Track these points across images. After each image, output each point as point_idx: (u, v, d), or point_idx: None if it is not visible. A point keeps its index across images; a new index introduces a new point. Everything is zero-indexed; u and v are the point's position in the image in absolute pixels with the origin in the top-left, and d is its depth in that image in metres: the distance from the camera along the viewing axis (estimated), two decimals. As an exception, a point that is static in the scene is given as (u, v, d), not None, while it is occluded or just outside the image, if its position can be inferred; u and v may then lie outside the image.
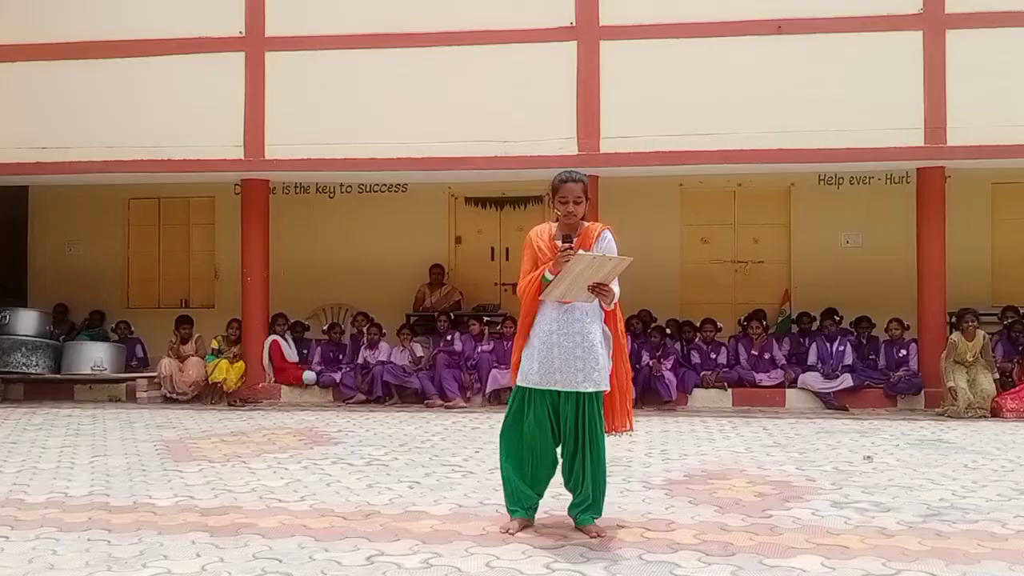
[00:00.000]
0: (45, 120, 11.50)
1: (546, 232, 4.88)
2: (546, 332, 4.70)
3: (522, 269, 4.88)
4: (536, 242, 4.85)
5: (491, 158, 10.76)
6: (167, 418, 9.88)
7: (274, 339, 11.69)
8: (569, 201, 4.74)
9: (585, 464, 4.70)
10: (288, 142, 11.16)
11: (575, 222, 4.79)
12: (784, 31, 10.53)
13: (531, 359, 4.73)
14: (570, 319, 4.69)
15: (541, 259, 4.76)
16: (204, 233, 13.85)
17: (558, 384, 4.67)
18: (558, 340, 4.67)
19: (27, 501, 5.64)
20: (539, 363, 4.69)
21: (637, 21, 10.76)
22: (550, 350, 4.68)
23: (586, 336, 4.68)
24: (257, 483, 6.15)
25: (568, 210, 4.74)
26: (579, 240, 4.74)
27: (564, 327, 4.68)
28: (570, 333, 4.67)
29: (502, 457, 4.85)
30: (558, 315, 4.71)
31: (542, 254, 4.77)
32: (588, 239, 4.77)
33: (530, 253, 4.86)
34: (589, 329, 4.70)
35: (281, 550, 4.47)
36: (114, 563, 4.27)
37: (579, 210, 4.77)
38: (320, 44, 11.17)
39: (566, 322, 4.68)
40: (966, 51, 10.32)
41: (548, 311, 4.73)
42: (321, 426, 9.12)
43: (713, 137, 10.51)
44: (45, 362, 11.76)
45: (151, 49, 11.32)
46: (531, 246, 4.86)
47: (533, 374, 4.70)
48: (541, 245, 4.81)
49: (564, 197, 4.76)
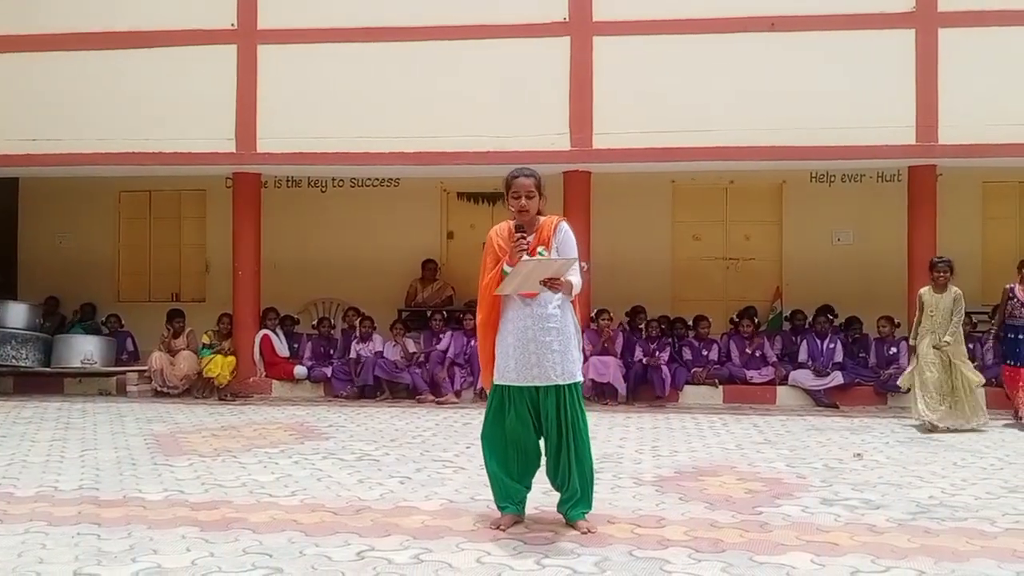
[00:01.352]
0: (35, 112, 11.44)
1: (505, 230, 4.84)
2: (521, 328, 4.69)
3: (483, 267, 4.87)
4: (496, 240, 4.83)
5: (483, 153, 10.75)
6: (157, 412, 9.86)
7: (265, 333, 11.67)
8: (521, 196, 4.72)
9: (571, 458, 4.71)
10: (280, 136, 11.12)
11: (529, 218, 4.77)
12: (777, 28, 10.53)
13: (506, 357, 4.72)
14: (544, 313, 4.69)
15: (502, 255, 4.77)
16: (195, 226, 13.81)
17: (536, 379, 4.68)
18: (535, 335, 4.67)
19: (16, 495, 5.62)
20: (515, 360, 4.68)
21: (630, 17, 10.75)
22: (526, 346, 4.68)
23: (562, 330, 4.71)
24: (248, 478, 6.14)
25: (520, 205, 4.72)
26: (535, 234, 4.74)
27: (540, 322, 4.68)
28: (546, 328, 4.67)
29: (486, 456, 4.86)
30: (531, 310, 4.70)
31: (502, 251, 4.76)
32: (545, 232, 4.76)
33: (491, 249, 4.84)
34: (565, 322, 4.73)
35: (271, 545, 4.46)
36: (104, 557, 4.27)
37: (532, 205, 4.75)
38: (312, 37, 11.14)
39: (541, 317, 4.69)
40: (958, 50, 10.34)
41: (519, 307, 4.73)
42: (312, 421, 9.12)
43: (705, 134, 10.51)
44: (35, 355, 11.71)
45: (143, 41, 11.27)
46: (492, 244, 4.85)
47: (510, 371, 4.70)
48: (501, 243, 4.79)
49: (516, 192, 4.74)
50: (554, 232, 4.76)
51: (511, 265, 4.58)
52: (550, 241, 4.74)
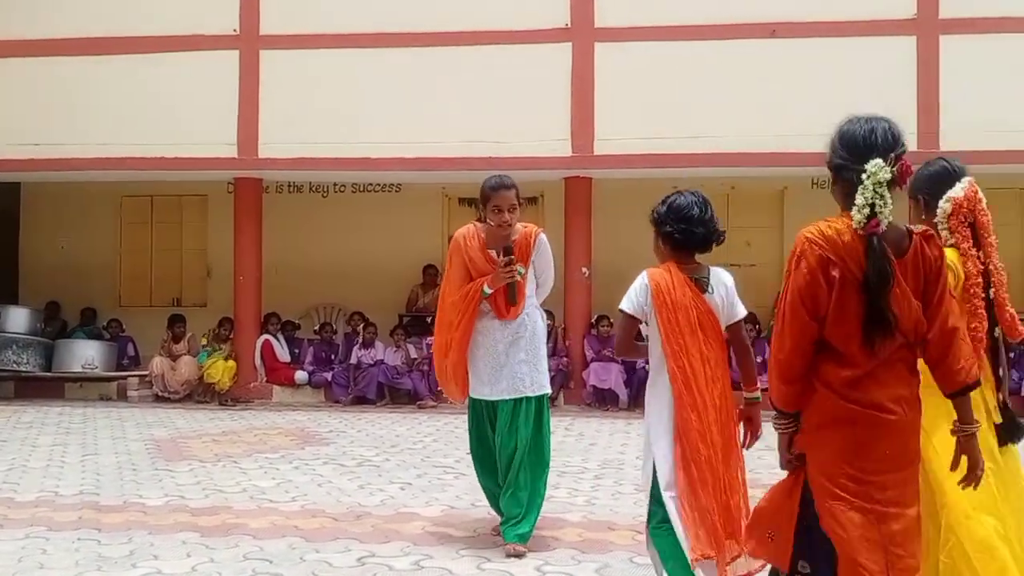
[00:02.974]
0: (38, 116, 11.47)
1: (475, 239, 4.63)
2: (493, 353, 4.56)
3: (447, 276, 4.69)
4: (466, 251, 4.61)
5: (485, 159, 10.75)
6: (158, 417, 9.85)
7: (266, 339, 11.67)
8: (504, 210, 4.50)
9: (526, 472, 4.49)
10: (281, 141, 11.13)
11: (508, 231, 4.56)
12: (778, 35, 10.55)
13: (477, 370, 4.60)
14: (518, 333, 4.57)
15: (473, 270, 4.57)
16: (196, 231, 13.80)
17: (506, 392, 4.53)
18: (505, 348, 4.54)
19: (17, 500, 5.62)
20: (488, 375, 4.56)
21: (632, 23, 10.77)
22: (497, 359, 4.55)
23: (531, 338, 4.58)
24: (248, 483, 6.14)
25: (504, 219, 4.50)
26: (517, 251, 4.54)
27: (508, 336, 4.55)
28: (516, 339, 4.55)
29: (476, 471, 4.79)
30: (505, 334, 4.57)
31: (474, 265, 4.57)
32: (526, 247, 4.58)
33: (459, 261, 4.62)
34: (534, 329, 4.61)
35: (272, 551, 4.46)
36: (104, 563, 4.26)
37: (514, 218, 4.55)
38: (314, 43, 11.16)
39: (515, 338, 4.56)
40: (959, 56, 10.35)
41: (491, 327, 4.58)
42: (312, 426, 9.11)
43: (706, 140, 10.52)
44: (36, 360, 11.71)
45: (145, 46, 11.30)
46: (460, 253, 4.62)
47: (483, 386, 4.58)
48: (472, 255, 4.59)
49: (498, 206, 4.51)
50: (534, 246, 4.61)
51: (492, 287, 4.46)
52: (528, 256, 4.59)
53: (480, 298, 4.51)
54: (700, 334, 3.30)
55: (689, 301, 3.31)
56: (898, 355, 2.49)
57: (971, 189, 2.92)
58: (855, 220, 2.43)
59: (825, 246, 2.44)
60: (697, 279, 3.36)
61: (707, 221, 3.36)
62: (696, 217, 3.34)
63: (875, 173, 2.41)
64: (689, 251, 3.38)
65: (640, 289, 3.39)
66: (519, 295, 4.54)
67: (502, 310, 4.55)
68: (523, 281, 4.56)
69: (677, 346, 3.28)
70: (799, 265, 2.45)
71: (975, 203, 2.89)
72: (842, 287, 2.41)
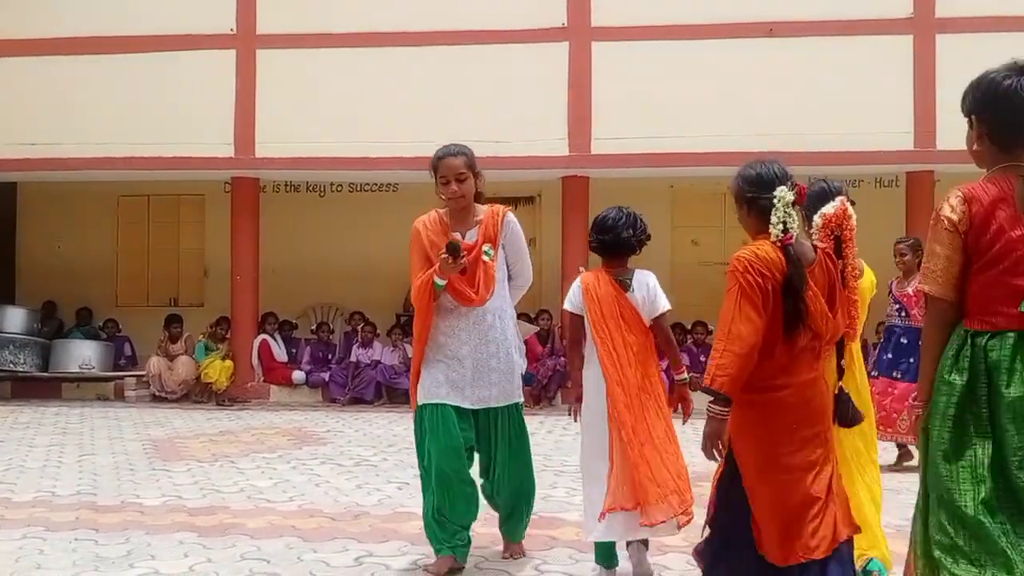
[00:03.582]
0: (35, 116, 11.45)
1: (437, 222, 4.14)
2: (455, 344, 4.07)
3: (412, 268, 4.11)
4: (426, 236, 4.10)
5: (482, 158, 10.66)
6: (155, 417, 9.84)
7: (263, 339, 11.66)
8: (451, 180, 4.02)
9: (511, 484, 4.19)
10: (278, 140, 11.13)
11: (465, 204, 4.09)
12: (775, 34, 10.56)
13: (435, 371, 4.07)
14: (482, 326, 4.07)
15: (433, 257, 4.02)
16: (193, 231, 13.79)
17: (467, 400, 4.05)
18: (471, 351, 4.06)
19: (14, 500, 5.61)
20: (446, 376, 4.05)
21: (629, 23, 10.78)
22: (462, 363, 4.05)
23: (503, 343, 4.11)
24: (245, 483, 6.13)
25: (451, 191, 4.02)
26: (479, 229, 4.08)
27: (478, 334, 4.07)
28: (485, 342, 4.08)
29: (439, 501, 4.03)
30: (469, 321, 4.07)
31: (435, 251, 4.01)
32: (490, 228, 4.09)
33: (419, 248, 4.11)
34: (505, 333, 4.14)
35: (269, 551, 4.46)
36: (101, 563, 4.26)
37: (465, 189, 4.05)
38: (311, 42, 11.15)
39: (480, 328, 4.07)
40: (956, 55, 10.34)
41: (453, 319, 4.08)
42: (310, 426, 9.11)
43: (703, 139, 10.52)
44: (33, 360, 11.70)
45: (142, 46, 11.28)
46: (419, 240, 4.11)
47: (440, 387, 4.04)
48: (434, 239, 4.06)
49: (444, 176, 4.04)
50: (501, 226, 4.13)
51: (441, 278, 3.95)
52: (496, 238, 4.10)
53: (435, 291, 4.00)
54: (622, 324, 3.92)
55: (612, 297, 3.94)
56: (808, 346, 3.02)
57: (841, 207, 3.38)
58: (773, 234, 2.97)
59: (758, 262, 2.94)
60: (620, 280, 4.00)
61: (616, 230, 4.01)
62: (609, 227, 4.02)
63: (783, 196, 2.98)
64: (612, 257, 4.03)
65: (575, 290, 4.03)
66: (487, 279, 4.05)
67: (467, 294, 4.03)
68: (492, 263, 4.07)
69: (603, 333, 3.90)
70: (746, 278, 2.93)
71: (843, 219, 3.36)
72: (773, 293, 2.94)
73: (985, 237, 2.52)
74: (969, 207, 2.53)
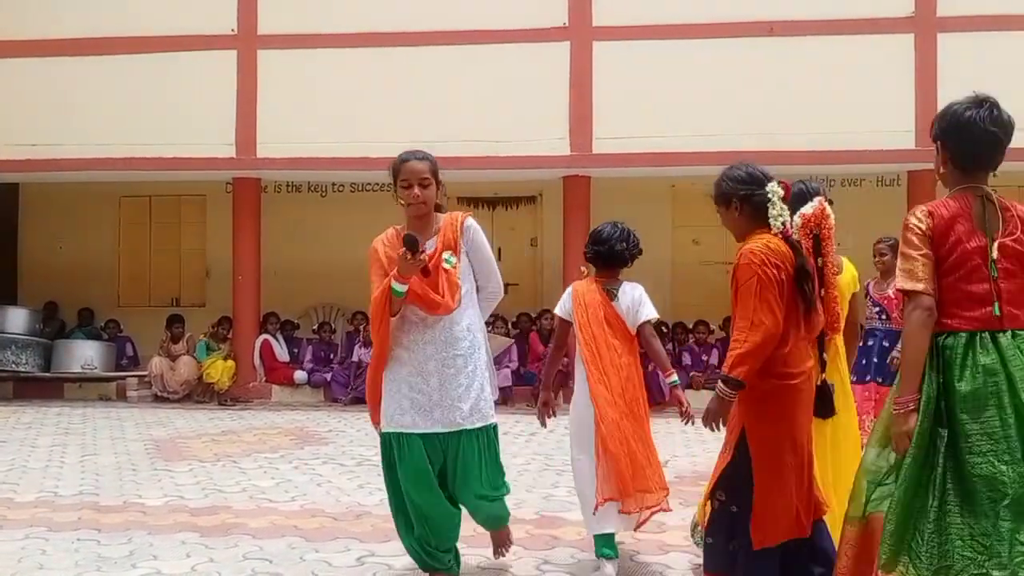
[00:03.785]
0: (36, 117, 11.46)
1: (395, 238, 3.87)
2: (420, 359, 3.74)
3: (372, 287, 3.86)
4: (384, 252, 3.86)
5: (483, 158, 10.76)
6: (157, 417, 9.85)
7: (265, 339, 11.67)
8: (413, 184, 3.77)
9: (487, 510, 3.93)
10: (280, 140, 11.13)
11: (425, 211, 3.83)
12: (776, 33, 10.55)
13: (398, 394, 3.76)
14: (450, 336, 3.75)
15: (390, 271, 3.75)
16: (195, 232, 13.79)
17: (438, 423, 3.71)
18: (437, 367, 3.73)
19: (16, 500, 5.62)
20: (411, 400, 3.73)
21: (630, 22, 10.77)
22: (427, 380, 3.72)
23: (470, 357, 3.77)
24: (248, 483, 6.14)
25: (414, 195, 3.76)
26: (438, 236, 3.80)
27: (444, 348, 3.74)
28: (452, 356, 3.74)
29: (394, 515, 3.89)
30: (435, 335, 3.74)
31: (392, 264, 3.75)
32: (449, 233, 3.81)
33: (378, 267, 3.86)
34: (475, 346, 3.80)
35: (271, 550, 4.46)
36: (103, 563, 4.26)
37: (427, 195, 3.80)
38: (312, 43, 11.15)
39: (446, 341, 3.74)
40: (957, 54, 10.35)
41: (417, 332, 3.77)
42: (312, 426, 9.11)
43: (704, 138, 10.51)
44: (35, 360, 11.71)
45: (143, 46, 11.29)
46: (377, 258, 3.88)
47: (405, 414, 3.73)
48: (392, 255, 3.78)
49: (406, 180, 3.79)
50: (461, 232, 3.83)
51: (401, 282, 3.64)
52: (457, 244, 3.80)
53: (394, 300, 3.69)
54: (607, 329, 4.24)
55: (599, 304, 4.29)
56: (807, 336, 3.27)
57: (819, 208, 3.52)
58: (775, 226, 3.23)
59: (772, 255, 3.15)
60: (608, 289, 4.35)
61: (611, 243, 4.35)
62: (604, 240, 4.36)
63: (776, 191, 3.26)
64: (605, 267, 4.39)
65: (566, 296, 4.43)
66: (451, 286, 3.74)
67: (432, 300, 3.70)
68: (454, 271, 3.76)
69: (588, 336, 4.24)
70: (764, 270, 3.11)
71: (821, 219, 3.50)
72: (787, 283, 3.16)
73: (944, 247, 2.82)
74: (932, 219, 2.83)
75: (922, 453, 2.75)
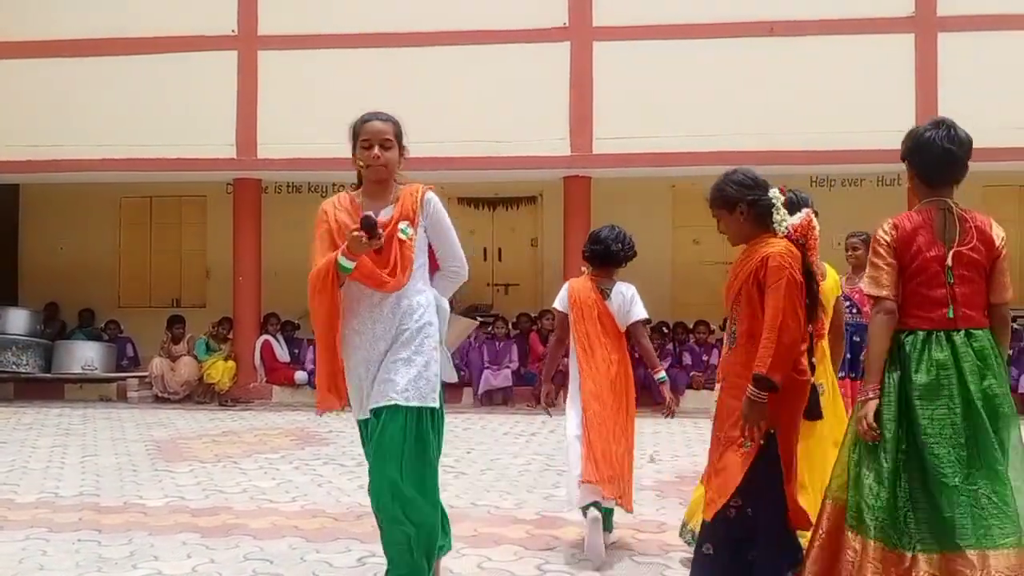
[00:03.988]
0: (36, 118, 11.45)
1: (348, 202, 3.60)
2: (370, 342, 3.45)
3: (313, 256, 3.53)
4: (335, 216, 3.54)
5: (483, 158, 10.76)
6: (158, 418, 9.85)
7: (266, 339, 11.67)
8: (374, 145, 3.53)
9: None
10: (280, 141, 11.12)
11: (385, 176, 3.58)
12: (776, 33, 10.55)
13: (357, 378, 3.50)
14: (398, 313, 3.44)
15: (340, 242, 3.44)
16: (196, 232, 13.80)
17: (373, 399, 3.43)
18: (387, 347, 3.43)
19: (17, 501, 5.62)
20: (356, 388, 3.51)
21: (630, 22, 10.76)
22: (369, 354, 3.45)
23: (418, 332, 3.44)
24: (248, 484, 6.14)
25: (373, 155, 3.51)
26: (396, 205, 3.53)
27: (392, 327, 3.44)
28: (400, 331, 3.44)
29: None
30: (383, 314, 3.44)
31: (343, 233, 3.43)
32: (407, 203, 3.53)
33: (325, 231, 3.54)
34: (423, 328, 3.46)
35: (272, 551, 4.46)
36: (104, 564, 4.26)
37: (388, 157, 3.55)
38: (312, 43, 11.15)
39: (394, 319, 3.44)
40: (957, 54, 10.35)
41: (365, 310, 3.46)
42: (312, 426, 9.11)
43: (705, 138, 10.50)
44: (35, 361, 11.71)
45: (143, 47, 11.28)
46: (325, 222, 3.56)
47: (364, 398, 3.51)
48: (344, 219, 3.50)
49: (367, 140, 3.55)
50: (420, 205, 3.56)
51: (349, 257, 3.34)
52: (415, 216, 3.52)
53: (338, 276, 3.39)
54: (598, 326, 4.55)
55: (592, 301, 4.58)
56: (814, 332, 3.54)
57: (806, 218, 3.58)
58: (781, 228, 3.44)
59: (795, 259, 3.34)
60: (602, 288, 4.61)
61: (607, 244, 4.58)
62: (601, 240, 4.60)
63: (778, 196, 3.49)
64: (600, 267, 4.62)
65: (563, 292, 4.72)
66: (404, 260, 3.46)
67: (379, 277, 3.41)
68: (409, 243, 3.48)
69: (581, 332, 4.56)
70: (791, 274, 3.29)
71: (807, 230, 3.57)
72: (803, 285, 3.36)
73: (907, 256, 3.14)
74: (896, 232, 3.17)
75: (889, 436, 3.07)
